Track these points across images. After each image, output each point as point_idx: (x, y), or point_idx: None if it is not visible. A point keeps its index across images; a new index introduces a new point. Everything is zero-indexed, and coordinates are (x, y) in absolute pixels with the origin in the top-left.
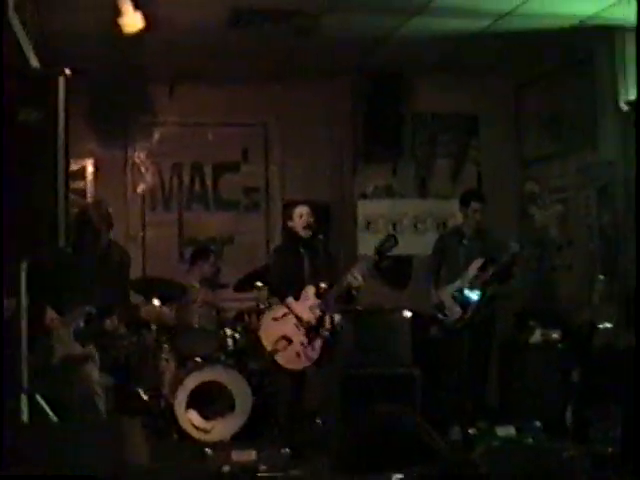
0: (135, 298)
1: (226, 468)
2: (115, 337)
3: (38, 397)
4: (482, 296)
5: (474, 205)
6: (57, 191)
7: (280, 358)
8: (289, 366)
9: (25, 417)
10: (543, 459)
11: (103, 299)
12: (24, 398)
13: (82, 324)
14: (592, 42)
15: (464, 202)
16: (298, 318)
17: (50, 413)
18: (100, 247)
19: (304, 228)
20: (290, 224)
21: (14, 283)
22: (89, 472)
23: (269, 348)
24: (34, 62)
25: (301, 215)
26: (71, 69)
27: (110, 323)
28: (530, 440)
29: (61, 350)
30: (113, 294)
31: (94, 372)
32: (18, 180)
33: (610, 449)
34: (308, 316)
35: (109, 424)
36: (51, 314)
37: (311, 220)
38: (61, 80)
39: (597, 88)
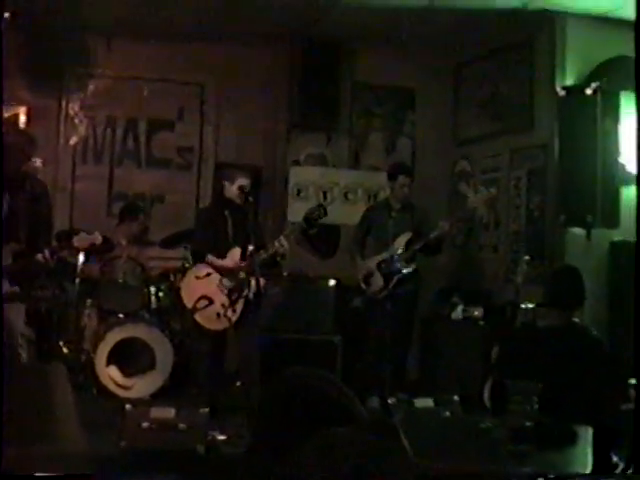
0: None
1: (145, 424)
2: (42, 277)
3: None
4: (406, 269)
5: (401, 179)
6: None
7: (200, 317)
8: (209, 326)
9: None
10: (460, 430)
11: (28, 234)
12: None
13: (10, 261)
14: (532, 26)
15: (392, 175)
16: (220, 280)
17: None
18: (16, 179)
19: (239, 197)
20: (226, 192)
21: None
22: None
23: (189, 306)
24: None
25: (241, 186)
26: (11, 12)
27: (42, 257)
28: (447, 413)
29: None
30: (36, 228)
31: (18, 320)
32: None
33: (527, 423)
34: (231, 278)
35: (34, 371)
36: None
37: (249, 191)
38: None
39: (535, 71)
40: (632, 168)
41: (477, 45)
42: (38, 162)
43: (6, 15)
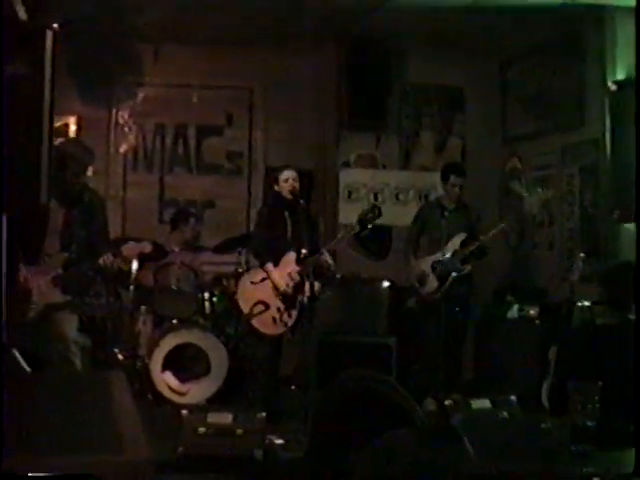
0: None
1: (202, 430)
2: (96, 285)
3: (14, 351)
4: (461, 270)
5: (453, 179)
6: (41, 147)
7: (256, 322)
8: (265, 331)
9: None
10: (521, 431)
11: (81, 245)
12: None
13: (60, 270)
14: (582, 20)
15: (444, 176)
16: (275, 284)
17: (27, 368)
18: (73, 191)
19: (289, 192)
20: (276, 188)
21: None
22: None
23: (245, 312)
24: (22, 15)
25: (287, 179)
26: (59, 23)
27: (104, 260)
28: (505, 414)
29: (40, 301)
30: (91, 239)
31: (71, 328)
32: (1, 135)
33: (589, 422)
34: (286, 282)
35: (93, 377)
36: (25, 270)
37: (296, 185)
38: (49, 34)
39: (585, 67)
40: None
41: (525, 42)
42: (90, 171)
43: (55, 26)
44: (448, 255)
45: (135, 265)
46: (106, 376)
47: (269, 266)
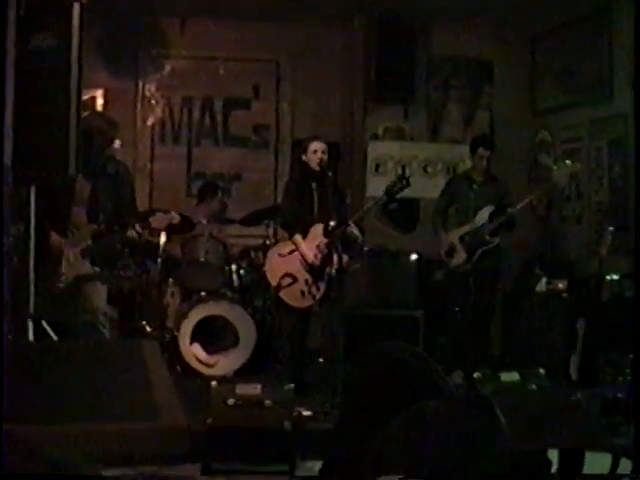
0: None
1: (231, 401)
2: (124, 257)
3: (44, 322)
4: (489, 242)
5: (482, 151)
6: (69, 119)
7: (284, 295)
8: (293, 303)
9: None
10: (551, 403)
11: (109, 217)
12: (30, 323)
13: (89, 242)
14: None
15: (473, 148)
16: (303, 257)
17: (55, 338)
18: (99, 162)
19: (317, 164)
20: (304, 158)
21: (23, 208)
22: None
23: (273, 284)
24: None
25: (316, 150)
26: None
27: (131, 232)
28: (534, 386)
29: (69, 273)
30: (118, 211)
31: (101, 300)
32: (30, 106)
33: (619, 394)
34: (314, 254)
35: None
36: (55, 238)
37: (325, 157)
38: (76, 6)
39: (613, 41)
40: None
41: (555, 15)
42: (117, 144)
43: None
44: (476, 227)
45: (163, 237)
46: (139, 345)
47: (297, 238)
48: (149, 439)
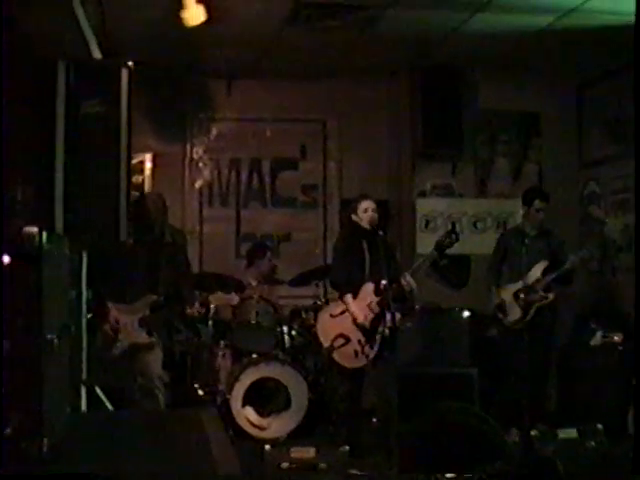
0: None
1: (285, 465)
2: (180, 326)
3: (97, 389)
4: (544, 298)
5: (537, 203)
6: (119, 185)
7: (337, 356)
8: (346, 364)
9: (84, 408)
10: (612, 460)
11: (167, 286)
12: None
13: (148, 312)
14: None
15: (527, 200)
16: (354, 317)
17: (108, 404)
18: (155, 234)
19: (368, 222)
20: (354, 218)
21: (75, 275)
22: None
23: (326, 345)
24: (97, 54)
25: (366, 209)
26: (134, 61)
27: (190, 309)
28: (592, 443)
29: (125, 340)
30: (176, 280)
31: (156, 364)
32: (80, 172)
33: None
34: (366, 314)
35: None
36: (114, 308)
37: (375, 215)
38: (124, 72)
39: None
40: None
41: (599, 64)
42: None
43: (130, 64)
44: (530, 283)
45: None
46: (200, 414)
47: (348, 298)
48: None
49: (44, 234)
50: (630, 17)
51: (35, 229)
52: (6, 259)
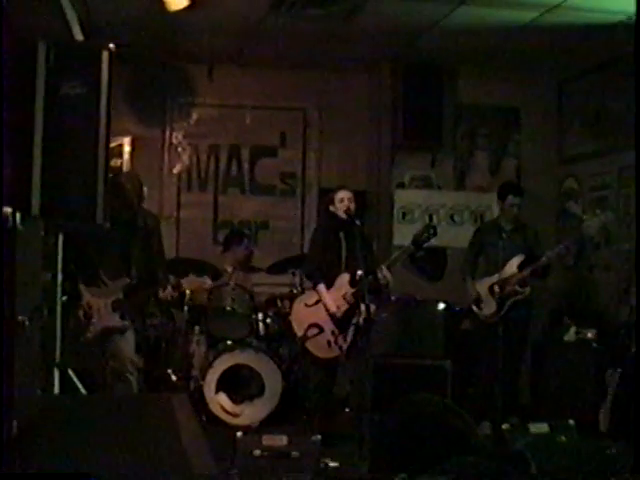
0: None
1: (257, 452)
2: (155, 311)
3: (70, 372)
4: (519, 293)
5: (511, 198)
6: (97, 167)
7: (310, 345)
8: (319, 354)
9: (56, 391)
10: (584, 456)
11: (140, 269)
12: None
13: (121, 295)
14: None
15: (501, 195)
16: (327, 307)
17: (81, 388)
18: (129, 214)
19: (345, 212)
20: (331, 208)
21: (51, 257)
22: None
23: (299, 334)
24: (79, 36)
25: (342, 199)
26: (115, 44)
27: (163, 292)
28: (563, 439)
29: (98, 323)
30: (149, 263)
31: (129, 348)
32: (58, 155)
33: None
34: (340, 305)
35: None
36: (87, 291)
37: (352, 205)
38: (105, 54)
39: None
40: None
41: (581, 61)
42: (145, 191)
43: (111, 46)
44: (505, 277)
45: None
46: (171, 399)
47: (321, 288)
48: None
49: (18, 215)
50: (611, 14)
51: (9, 210)
52: None
